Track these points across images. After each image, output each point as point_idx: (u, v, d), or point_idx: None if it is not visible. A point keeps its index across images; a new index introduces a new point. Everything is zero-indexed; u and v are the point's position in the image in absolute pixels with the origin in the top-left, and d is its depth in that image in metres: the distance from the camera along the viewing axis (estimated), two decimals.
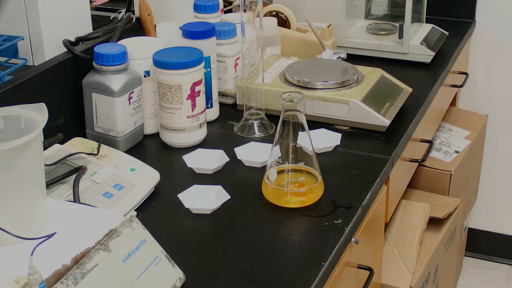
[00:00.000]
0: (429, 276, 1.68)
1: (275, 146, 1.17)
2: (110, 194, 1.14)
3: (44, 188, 0.94)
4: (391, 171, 1.37)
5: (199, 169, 1.28)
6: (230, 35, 1.49)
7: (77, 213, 0.99)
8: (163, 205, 1.19)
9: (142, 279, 0.90)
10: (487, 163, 2.32)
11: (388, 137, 1.41)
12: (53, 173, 1.14)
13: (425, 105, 1.57)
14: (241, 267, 1.03)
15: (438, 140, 2.01)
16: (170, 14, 1.60)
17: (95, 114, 1.34)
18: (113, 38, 1.43)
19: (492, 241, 2.44)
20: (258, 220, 1.14)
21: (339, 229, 1.11)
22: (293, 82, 1.48)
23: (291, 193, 1.16)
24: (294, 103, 1.13)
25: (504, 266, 2.45)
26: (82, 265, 0.85)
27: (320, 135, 1.38)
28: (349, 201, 1.19)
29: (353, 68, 1.51)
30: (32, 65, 1.34)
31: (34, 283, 0.79)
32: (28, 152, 0.87)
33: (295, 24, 1.79)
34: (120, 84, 1.30)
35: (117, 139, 1.33)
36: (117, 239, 0.90)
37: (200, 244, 1.09)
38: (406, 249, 1.62)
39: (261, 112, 1.43)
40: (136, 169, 1.21)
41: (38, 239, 0.88)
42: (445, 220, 1.78)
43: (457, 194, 1.92)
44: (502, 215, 2.40)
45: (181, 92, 1.32)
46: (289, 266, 1.03)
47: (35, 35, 1.33)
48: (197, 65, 1.33)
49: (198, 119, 1.36)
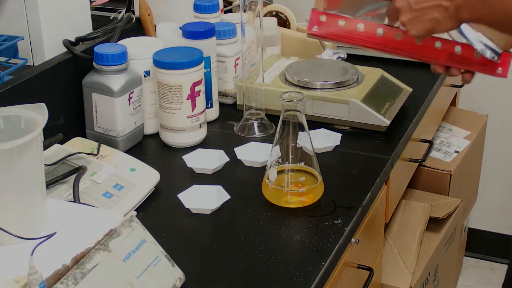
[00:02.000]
0: (429, 276, 1.68)
1: (275, 146, 1.17)
2: (110, 194, 1.14)
3: (44, 188, 0.94)
4: (391, 171, 1.37)
5: (199, 169, 1.28)
6: (230, 35, 1.49)
7: (77, 213, 0.99)
8: (163, 205, 1.19)
9: (142, 279, 0.90)
10: (487, 163, 2.32)
11: (388, 137, 1.41)
12: (53, 173, 1.14)
13: (425, 105, 1.57)
14: (241, 267, 1.03)
15: (438, 140, 2.01)
16: (170, 14, 1.60)
17: (95, 114, 1.34)
18: (113, 38, 1.43)
19: (492, 241, 2.44)
20: (258, 220, 1.14)
21: (339, 229, 1.11)
22: (293, 82, 1.48)
23: (291, 193, 1.16)
24: (294, 103, 1.13)
25: (504, 266, 2.43)
26: (82, 265, 0.85)
27: (320, 135, 1.38)
28: (349, 201, 1.19)
29: (353, 68, 1.51)
30: (32, 65, 1.34)
31: (34, 283, 0.79)
32: (28, 152, 0.87)
33: (295, 24, 1.79)
34: (120, 84, 1.30)
35: (117, 139, 1.33)
36: (117, 239, 0.90)
37: (200, 244, 1.09)
38: (406, 249, 1.62)
39: (261, 112, 1.43)
40: (136, 169, 1.21)
41: (38, 239, 0.88)
42: (445, 220, 1.78)
43: (457, 194, 1.92)
44: (502, 215, 2.40)
45: (181, 92, 1.32)
46: (289, 266, 1.03)
47: (35, 35, 1.33)
48: (197, 65, 1.33)
49: (198, 119, 1.36)
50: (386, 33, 1.05)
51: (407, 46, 1.06)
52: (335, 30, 1.07)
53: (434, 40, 1.05)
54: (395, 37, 1.05)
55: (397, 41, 1.05)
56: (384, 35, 1.06)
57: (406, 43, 1.06)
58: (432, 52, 1.06)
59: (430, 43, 1.05)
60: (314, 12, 1.09)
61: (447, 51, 1.06)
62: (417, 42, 1.05)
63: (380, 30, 1.05)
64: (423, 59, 1.08)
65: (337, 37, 1.06)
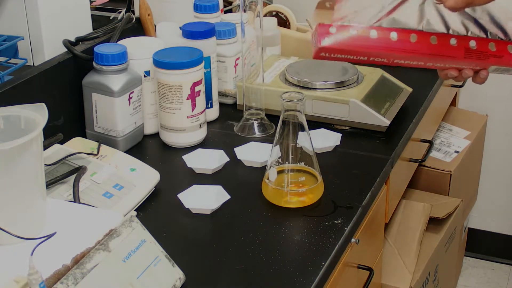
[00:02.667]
0: (429, 276, 1.68)
1: (275, 146, 1.17)
2: (110, 194, 1.14)
3: (44, 188, 0.94)
4: (391, 171, 1.37)
5: (199, 169, 1.28)
6: (230, 35, 1.49)
7: (77, 213, 0.99)
8: (163, 205, 1.19)
9: (142, 279, 0.90)
10: (487, 163, 2.32)
11: (388, 137, 1.41)
12: (53, 173, 1.14)
13: (425, 105, 1.57)
14: (241, 267, 1.03)
15: (438, 140, 2.01)
16: (170, 14, 1.60)
17: (95, 114, 1.34)
18: (113, 38, 1.43)
19: (492, 241, 2.44)
20: (258, 220, 1.14)
21: (339, 229, 1.11)
22: (293, 82, 1.48)
23: (291, 193, 1.16)
24: (294, 103, 1.14)
25: (504, 266, 2.45)
26: (82, 265, 0.85)
27: (320, 135, 1.38)
28: (349, 201, 1.19)
29: (353, 68, 1.51)
30: (32, 65, 1.34)
31: (34, 283, 0.79)
32: (28, 152, 0.87)
33: (295, 24, 1.79)
34: (120, 84, 1.30)
35: (117, 139, 1.33)
36: (117, 239, 0.90)
37: (200, 244, 1.09)
38: (406, 249, 1.62)
39: (261, 112, 1.43)
40: (136, 169, 1.21)
41: (38, 239, 0.88)
42: (445, 220, 1.78)
43: (457, 194, 1.92)
44: (502, 215, 2.40)
45: (181, 92, 1.32)
46: (289, 266, 1.03)
47: (35, 35, 1.33)
48: (197, 65, 1.33)
49: (198, 119, 1.36)
50: (400, 36, 1.03)
51: (424, 47, 1.04)
52: (349, 41, 1.02)
53: (448, 37, 1.03)
54: (410, 39, 1.03)
55: (412, 43, 1.03)
56: (398, 39, 1.03)
57: (422, 44, 1.04)
58: (449, 50, 1.04)
59: (445, 40, 1.04)
60: (321, 26, 1.02)
61: (463, 47, 1.04)
62: (432, 42, 1.03)
63: (394, 34, 1.03)
64: (440, 60, 1.05)
65: (351, 48, 1.03)
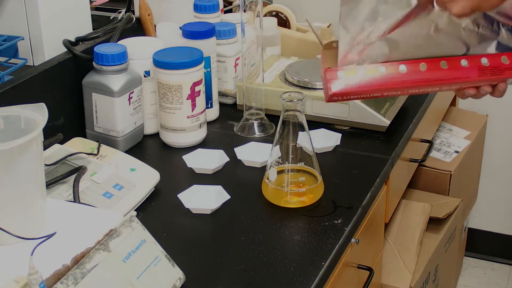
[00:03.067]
0: (429, 276, 1.68)
1: (275, 146, 1.17)
2: (110, 194, 1.14)
3: (44, 188, 0.94)
4: (391, 171, 1.37)
5: (199, 169, 1.28)
6: (230, 35, 1.49)
7: (77, 213, 0.99)
8: (163, 205, 1.19)
9: (142, 279, 0.90)
10: (487, 163, 2.32)
11: (388, 137, 1.41)
12: (53, 173, 1.14)
13: (425, 105, 1.57)
14: (241, 267, 1.03)
15: (438, 140, 2.01)
16: (170, 14, 1.60)
17: (95, 114, 1.34)
18: (113, 38, 1.43)
19: (492, 241, 2.44)
20: (258, 220, 1.14)
21: (339, 229, 1.11)
22: (293, 82, 1.48)
23: (291, 193, 1.16)
24: (294, 103, 1.14)
25: (504, 266, 2.45)
26: (82, 265, 0.85)
27: (320, 135, 1.38)
28: (349, 201, 1.19)
29: None
30: (32, 65, 1.34)
31: (34, 283, 0.79)
32: (28, 152, 0.87)
33: (295, 24, 1.79)
34: (120, 84, 1.30)
35: (117, 139, 1.33)
36: (117, 239, 0.90)
37: (200, 244, 1.09)
38: (406, 249, 1.62)
39: (261, 112, 1.43)
40: (136, 169, 1.21)
41: (38, 239, 0.88)
42: (445, 220, 1.78)
43: (457, 194, 1.92)
44: (502, 215, 2.40)
45: (181, 92, 1.32)
46: (289, 266, 1.03)
47: (35, 35, 1.33)
48: (197, 65, 1.33)
49: (198, 119, 1.36)
50: (409, 68, 1.01)
51: (435, 74, 1.01)
52: (359, 83, 0.99)
53: (458, 59, 1.01)
54: (419, 68, 1.00)
55: (423, 72, 1.01)
56: (408, 71, 1.01)
57: (433, 71, 1.01)
58: (462, 72, 1.01)
59: (456, 63, 1.01)
60: (329, 71, 0.97)
61: (475, 66, 1.01)
62: (443, 67, 1.01)
63: (403, 67, 1.00)
64: (454, 83, 1.03)
65: (362, 89, 1.00)
